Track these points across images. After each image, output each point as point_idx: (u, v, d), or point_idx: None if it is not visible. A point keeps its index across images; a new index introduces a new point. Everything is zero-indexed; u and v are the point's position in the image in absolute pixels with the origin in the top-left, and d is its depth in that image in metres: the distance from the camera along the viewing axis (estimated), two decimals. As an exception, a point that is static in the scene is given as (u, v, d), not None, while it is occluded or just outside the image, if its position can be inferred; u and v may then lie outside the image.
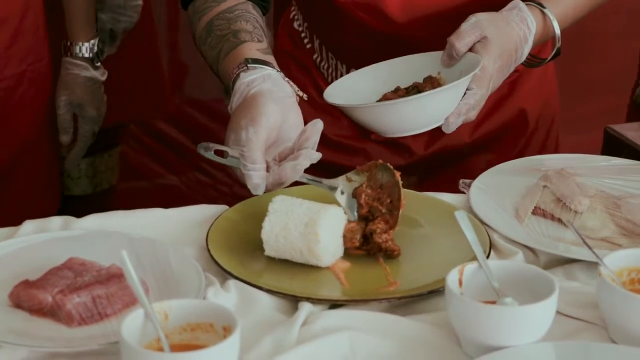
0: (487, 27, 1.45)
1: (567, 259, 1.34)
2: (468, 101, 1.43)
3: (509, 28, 1.47)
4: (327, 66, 1.73)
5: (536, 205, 1.45)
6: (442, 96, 1.41)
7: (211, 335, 1.09)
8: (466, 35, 1.45)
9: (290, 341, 1.15)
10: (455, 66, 1.48)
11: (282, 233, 1.29)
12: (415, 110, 1.40)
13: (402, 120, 1.41)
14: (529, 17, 1.49)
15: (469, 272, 1.19)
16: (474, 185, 1.50)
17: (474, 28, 1.45)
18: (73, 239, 1.33)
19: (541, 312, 1.12)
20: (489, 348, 1.12)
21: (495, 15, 1.48)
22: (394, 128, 1.43)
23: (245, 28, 1.46)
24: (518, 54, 1.49)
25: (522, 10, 1.49)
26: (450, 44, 1.46)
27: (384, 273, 1.31)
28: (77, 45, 1.91)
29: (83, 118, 1.97)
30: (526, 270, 1.19)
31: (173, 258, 1.29)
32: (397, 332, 1.18)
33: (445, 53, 1.48)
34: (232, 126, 1.34)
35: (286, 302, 1.25)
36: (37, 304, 1.19)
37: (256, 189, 1.31)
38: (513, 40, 1.47)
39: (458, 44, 1.45)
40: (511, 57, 1.48)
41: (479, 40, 1.46)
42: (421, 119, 1.42)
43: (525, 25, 1.48)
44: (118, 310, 1.20)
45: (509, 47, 1.47)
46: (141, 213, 1.43)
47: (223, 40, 1.46)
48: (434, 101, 1.40)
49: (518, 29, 1.48)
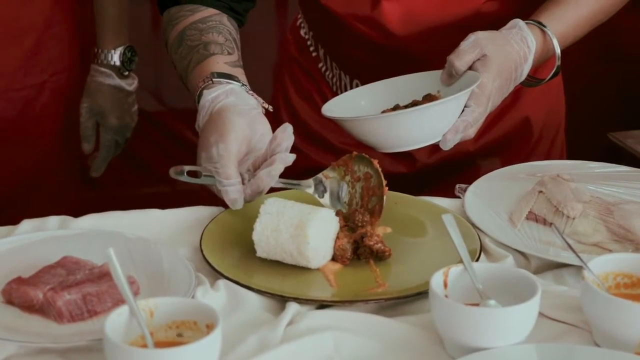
0: (487, 46, 1.44)
1: (558, 263, 1.34)
2: (466, 118, 1.42)
3: (509, 46, 1.46)
4: (331, 75, 1.74)
5: (530, 210, 1.45)
6: (439, 110, 1.39)
7: (195, 332, 1.11)
8: (466, 53, 1.44)
9: (274, 340, 1.17)
10: (455, 85, 1.48)
11: (272, 235, 1.31)
12: (411, 124, 1.39)
13: (398, 134, 1.40)
14: (529, 36, 1.48)
15: (454, 274, 1.19)
16: (469, 190, 1.51)
17: (474, 46, 1.44)
18: (69, 238, 1.35)
19: (523, 314, 1.13)
20: (471, 349, 1.13)
21: (495, 34, 1.47)
22: (390, 142, 1.42)
23: (217, 40, 1.48)
24: (517, 72, 1.48)
25: (521, 29, 1.48)
26: (450, 62, 1.45)
27: (373, 275, 1.32)
28: (104, 52, 1.91)
29: (104, 127, 1.97)
30: (511, 273, 1.20)
31: (166, 258, 1.31)
32: (381, 333, 1.19)
33: (445, 71, 1.47)
34: (202, 144, 1.36)
35: (274, 302, 1.26)
36: (28, 300, 1.21)
37: (234, 204, 1.34)
38: (513, 58, 1.46)
39: (458, 62, 1.44)
40: (510, 76, 1.47)
41: (478, 59, 1.45)
42: (418, 134, 1.41)
43: (525, 44, 1.47)
44: (108, 308, 1.22)
45: (508, 66, 1.46)
46: (138, 213, 1.45)
47: (193, 52, 1.47)
48: (431, 115, 1.39)
49: (518, 47, 1.47)
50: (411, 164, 1.76)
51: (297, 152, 1.77)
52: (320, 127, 1.74)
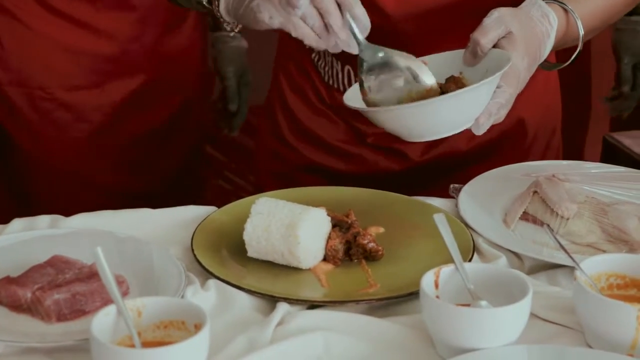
0: (511, 22, 1.36)
1: (552, 264, 1.33)
2: (498, 100, 1.33)
3: (532, 23, 1.39)
4: (324, 64, 1.72)
5: (525, 211, 1.44)
6: (474, 95, 1.29)
7: (183, 332, 1.10)
8: (491, 30, 1.35)
9: (264, 340, 1.16)
10: (479, 65, 1.38)
11: (263, 235, 1.30)
12: (444, 111, 1.28)
13: (428, 122, 1.29)
14: (551, 13, 1.41)
15: (445, 274, 1.18)
16: (463, 190, 1.50)
17: (498, 23, 1.35)
18: (59, 237, 1.34)
19: (514, 315, 1.12)
20: (462, 350, 1.12)
21: (518, 11, 1.39)
22: (420, 131, 1.31)
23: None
24: (542, 51, 1.41)
25: (542, 6, 1.41)
26: (475, 40, 1.35)
27: (365, 275, 1.31)
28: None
29: (245, 85, 2.24)
30: (502, 274, 1.19)
31: (156, 257, 1.30)
32: (371, 334, 1.18)
33: (469, 51, 1.37)
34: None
35: (265, 302, 1.25)
36: (16, 300, 1.20)
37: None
38: (537, 36, 1.39)
39: (483, 39, 1.35)
40: (536, 54, 1.40)
41: (504, 36, 1.36)
42: (449, 121, 1.30)
43: (547, 21, 1.40)
44: (97, 307, 1.21)
45: (533, 43, 1.38)
46: (129, 213, 1.44)
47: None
48: (465, 101, 1.28)
49: (540, 25, 1.40)
50: (404, 162, 1.74)
51: (290, 149, 1.78)
52: (314, 124, 1.73)
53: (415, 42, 1.55)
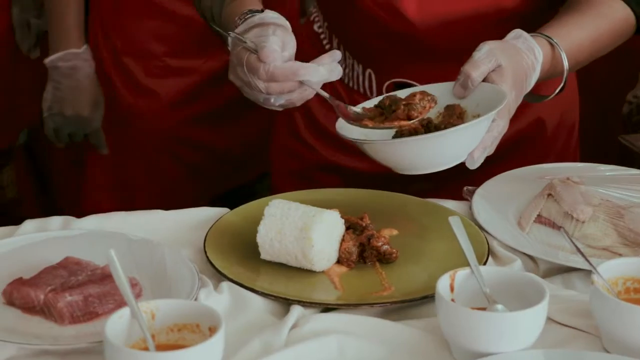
0: (501, 56, 1.39)
1: (567, 267, 1.32)
2: (492, 134, 1.35)
3: (519, 57, 1.42)
4: (344, 66, 1.72)
5: (539, 214, 1.43)
6: (473, 131, 1.30)
7: (197, 335, 1.09)
8: (481, 64, 1.38)
9: (278, 343, 1.15)
10: (470, 97, 1.39)
11: (277, 237, 1.29)
12: (439, 146, 1.28)
13: (422, 157, 1.29)
14: (536, 47, 1.44)
15: (460, 277, 1.18)
16: (477, 193, 1.49)
17: (488, 56, 1.38)
18: (71, 239, 1.34)
19: (531, 319, 1.11)
20: (478, 354, 1.11)
21: (505, 44, 1.43)
22: (413, 165, 1.31)
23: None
24: (527, 83, 1.44)
25: (527, 40, 1.44)
26: (466, 73, 1.37)
27: (379, 278, 1.30)
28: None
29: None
30: (518, 277, 1.18)
31: (169, 259, 1.29)
32: (386, 337, 1.17)
33: (459, 83, 1.38)
34: (256, 27, 1.34)
35: (278, 305, 1.25)
36: (29, 301, 1.19)
37: (270, 55, 1.28)
38: (524, 69, 1.42)
39: (474, 73, 1.37)
40: (523, 86, 1.43)
41: (493, 70, 1.39)
42: (445, 155, 1.30)
43: (533, 54, 1.43)
44: (110, 309, 1.20)
45: (521, 76, 1.42)
46: (141, 214, 1.44)
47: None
48: (464, 136, 1.29)
49: (527, 57, 1.43)
50: None
51: (307, 148, 1.77)
52: (331, 123, 1.73)
53: (438, 50, 1.56)
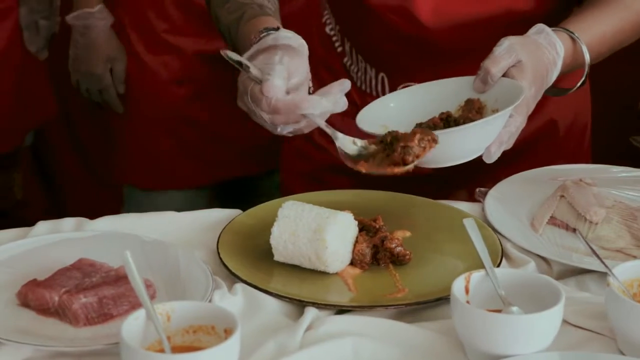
0: (521, 51, 1.40)
1: (580, 269, 1.32)
2: (509, 129, 1.37)
3: (540, 52, 1.43)
4: (357, 69, 1.72)
5: (552, 215, 1.43)
6: (489, 126, 1.33)
7: (213, 337, 1.09)
8: (501, 59, 1.39)
9: (293, 345, 1.15)
10: (490, 92, 1.41)
11: (290, 239, 1.29)
12: (459, 140, 1.33)
13: (441, 151, 1.32)
14: (558, 42, 1.44)
15: (475, 279, 1.17)
16: (489, 194, 1.49)
17: (509, 52, 1.39)
18: (84, 240, 1.34)
19: (547, 321, 1.11)
20: (494, 357, 1.11)
21: (526, 39, 1.44)
22: (432, 159, 1.33)
23: (268, 5, 1.47)
24: (548, 78, 1.45)
25: (549, 35, 1.45)
26: (485, 69, 1.39)
27: (393, 280, 1.30)
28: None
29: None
30: (533, 279, 1.18)
31: (182, 261, 1.29)
32: (401, 339, 1.17)
33: (479, 78, 1.41)
34: (263, 53, 1.32)
35: (293, 307, 1.24)
36: (44, 303, 1.19)
37: (272, 89, 1.27)
38: (544, 64, 1.43)
39: (494, 68, 1.39)
40: (543, 82, 1.44)
41: (513, 65, 1.40)
42: (464, 150, 1.34)
43: (554, 49, 1.44)
44: (124, 311, 1.20)
45: (541, 72, 1.42)
46: (154, 216, 1.43)
47: (245, 7, 1.46)
48: (481, 131, 1.33)
49: (548, 53, 1.43)
50: None
51: (318, 149, 1.77)
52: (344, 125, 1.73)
53: (451, 54, 1.56)
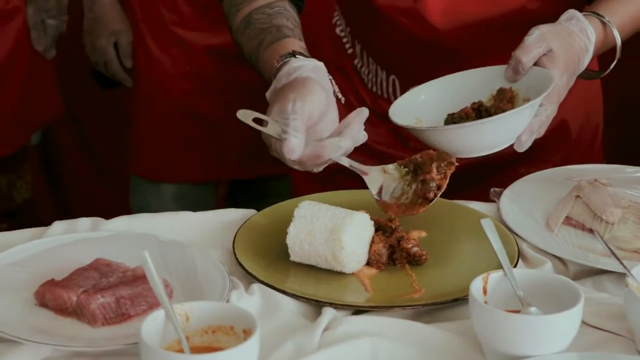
0: (552, 40, 1.40)
1: (597, 269, 1.32)
2: (540, 118, 1.37)
3: (571, 39, 1.42)
4: (367, 72, 1.72)
5: (568, 216, 1.43)
6: (519, 116, 1.34)
7: (232, 338, 1.09)
8: (532, 49, 1.39)
9: (311, 346, 1.15)
10: (522, 80, 1.42)
11: (306, 239, 1.29)
12: (490, 131, 1.34)
13: (474, 141, 1.35)
14: (589, 28, 1.44)
15: (493, 280, 1.17)
16: (504, 194, 1.49)
17: (540, 41, 1.39)
18: (101, 240, 1.34)
19: (566, 322, 1.11)
20: (512, 357, 1.11)
21: (557, 27, 1.43)
22: (465, 149, 1.36)
23: (287, 25, 1.46)
24: (580, 65, 1.45)
25: (580, 21, 1.44)
26: (517, 58, 1.39)
27: (409, 280, 1.30)
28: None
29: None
30: (552, 280, 1.17)
31: (199, 261, 1.29)
32: (419, 340, 1.17)
33: (511, 68, 1.41)
34: (277, 99, 1.32)
35: (310, 307, 1.24)
36: (62, 303, 1.20)
37: (292, 152, 1.26)
38: (576, 51, 1.43)
39: (525, 58, 1.39)
40: (575, 69, 1.44)
41: (545, 54, 1.40)
42: (494, 140, 1.36)
43: (586, 35, 1.44)
44: (142, 311, 1.20)
45: (572, 59, 1.42)
46: (170, 216, 1.43)
47: (265, 32, 1.45)
48: (510, 121, 1.34)
49: (579, 39, 1.43)
50: None
51: None
52: None
53: (462, 55, 1.55)
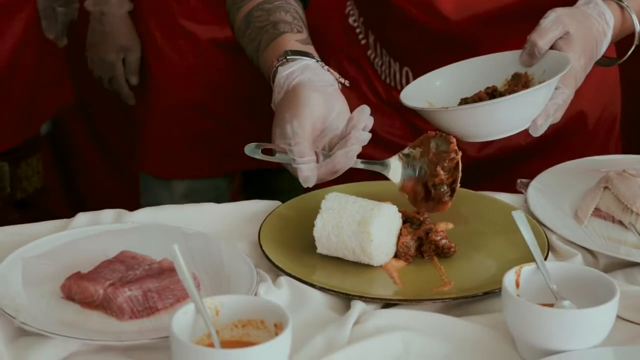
0: (569, 23, 1.38)
1: (628, 262, 1.30)
2: (556, 101, 1.35)
3: (589, 23, 1.40)
4: (380, 63, 1.70)
5: (596, 207, 1.41)
6: (533, 97, 1.31)
7: (262, 332, 1.08)
8: (548, 32, 1.37)
9: (342, 340, 1.13)
10: (537, 65, 1.40)
11: (334, 231, 1.27)
12: (502, 112, 1.31)
13: (487, 123, 1.32)
14: (607, 12, 1.42)
15: (526, 273, 1.16)
16: (531, 186, 1.47)
17: (556, 24, 1.37)
18: (125, 232, 1.32)
19: (601, 317, 1.09)
20: (546, 352, 1.10)
21: (574, 10, 1.41)
22: (478, 132, 1.34)
23: (285, 19, 1.43)
24: (598, 49, 1.42)
25: (598, 4, 1.42)
26: (532, 42, 1.37)
27: (438, 272, 1.28)
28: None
29: None
30: (585, 273, 1.16)
31: (225, 253, 1.28)
32: (451, 334, 1.15)
33: (526, 52, 1.39)
34: (277, 121, 1.31)
35: (338, 300, 1.23)
36: (88, 296, 1.18)
37: (307, 182, 1.27)
38: (593, 35, 1.41)
39: (541, 41, 1.37)
40: (593, 53, 1.41)
41: (561, 37, 1.38)
42: (507, 122, 1.33)
43: (604, 20, 1.42)
44: (169, 304, 1.19)
45: (590, 43, 1.40)
46: (194, 207, 1.42)
47: (262, 32, 1.43)
48: (523, 103, 1.31)
49: (597, 23, 1.41)
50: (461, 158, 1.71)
51: None
52: None
53: (474, 45, 1.54)
